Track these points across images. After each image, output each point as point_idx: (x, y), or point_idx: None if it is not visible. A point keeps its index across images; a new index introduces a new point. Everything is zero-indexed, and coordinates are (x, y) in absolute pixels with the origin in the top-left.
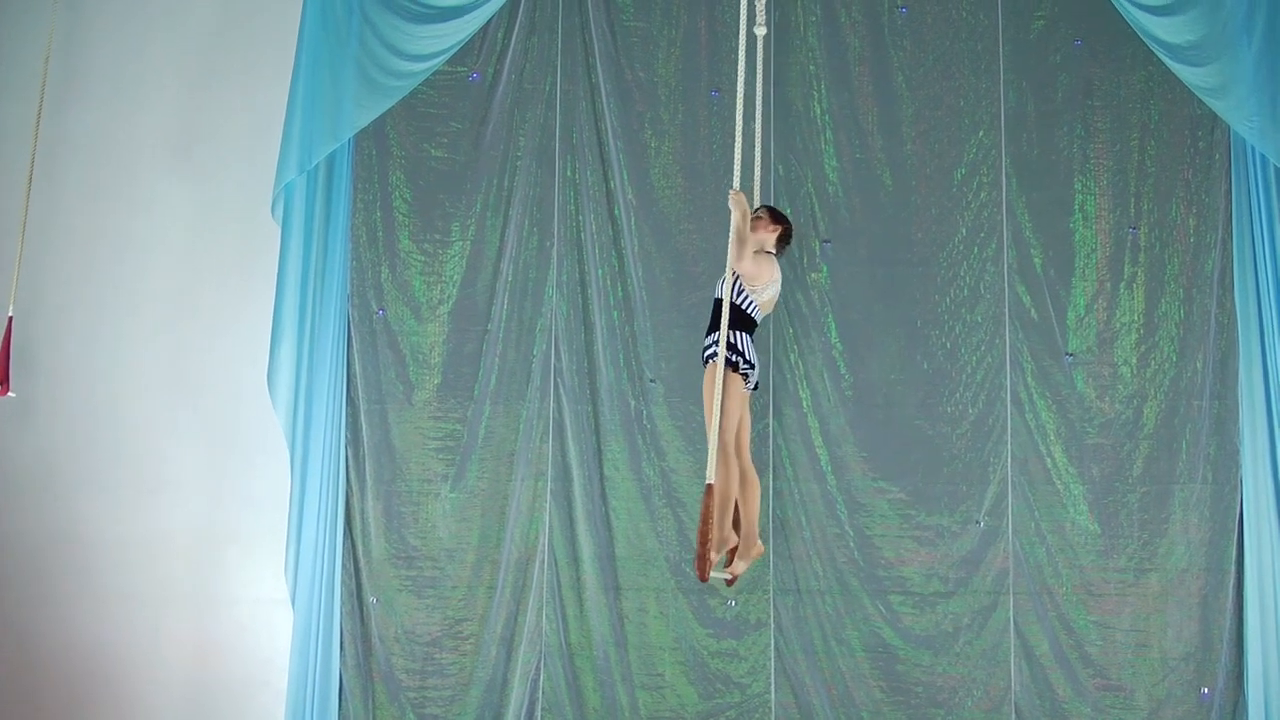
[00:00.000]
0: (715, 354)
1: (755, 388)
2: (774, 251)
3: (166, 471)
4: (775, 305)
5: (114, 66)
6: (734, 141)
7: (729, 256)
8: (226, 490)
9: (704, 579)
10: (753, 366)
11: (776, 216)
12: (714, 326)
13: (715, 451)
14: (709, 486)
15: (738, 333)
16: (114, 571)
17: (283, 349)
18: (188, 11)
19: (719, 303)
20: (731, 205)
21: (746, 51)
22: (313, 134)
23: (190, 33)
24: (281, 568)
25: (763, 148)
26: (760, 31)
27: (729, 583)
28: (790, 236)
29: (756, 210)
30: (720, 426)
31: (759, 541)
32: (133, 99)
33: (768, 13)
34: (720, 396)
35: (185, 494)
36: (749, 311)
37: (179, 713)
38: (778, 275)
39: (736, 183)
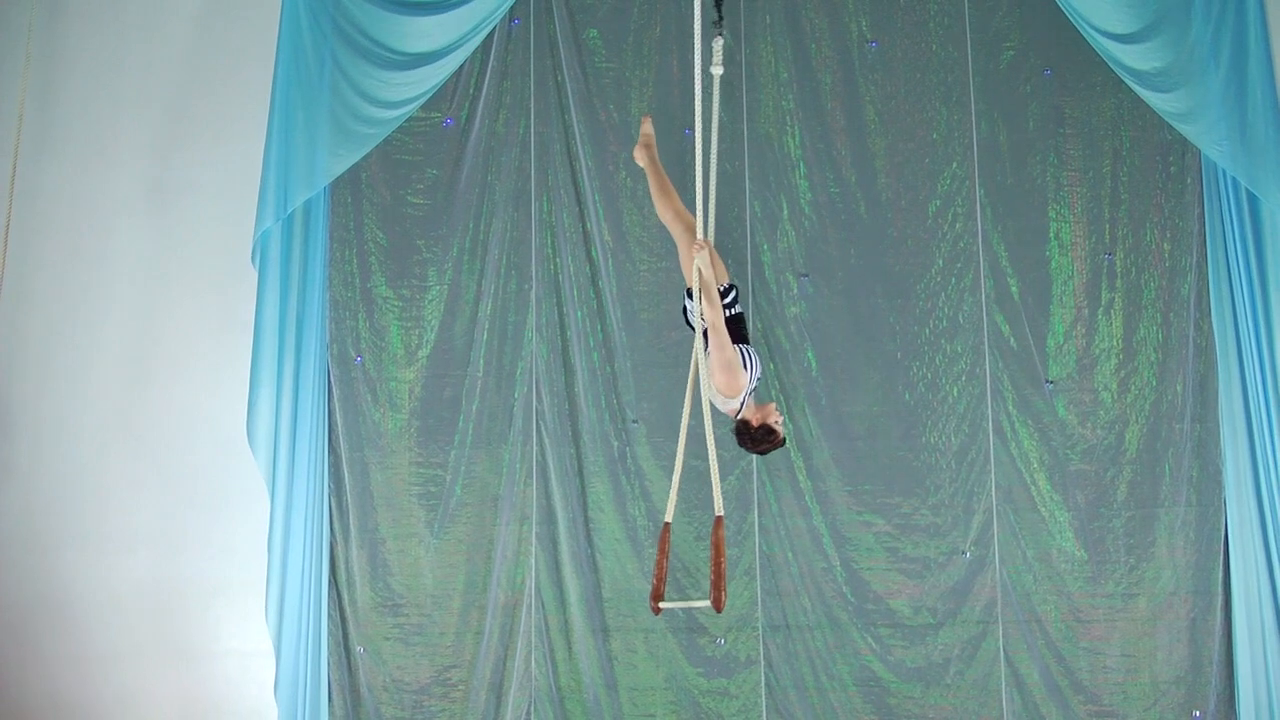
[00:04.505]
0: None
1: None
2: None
3: (150, 526)
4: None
5: (88, 120)
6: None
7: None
8: (211, 542)
9: (721, 608)
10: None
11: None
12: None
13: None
14: (719, 519)
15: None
16: (99, 629)
17: (261, 398)
18: (161, 63)
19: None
20: (696, 258)
21: (704, 91)
22: (288, 182)
23: (164, 83)
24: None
25: (739, 184)
26: (717, 71)
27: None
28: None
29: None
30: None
31: None
32: (108, 152)
33: (739, 51)
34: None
35: (169, 547)
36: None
37: None
38: (742, 386)
39: (706, 234)
